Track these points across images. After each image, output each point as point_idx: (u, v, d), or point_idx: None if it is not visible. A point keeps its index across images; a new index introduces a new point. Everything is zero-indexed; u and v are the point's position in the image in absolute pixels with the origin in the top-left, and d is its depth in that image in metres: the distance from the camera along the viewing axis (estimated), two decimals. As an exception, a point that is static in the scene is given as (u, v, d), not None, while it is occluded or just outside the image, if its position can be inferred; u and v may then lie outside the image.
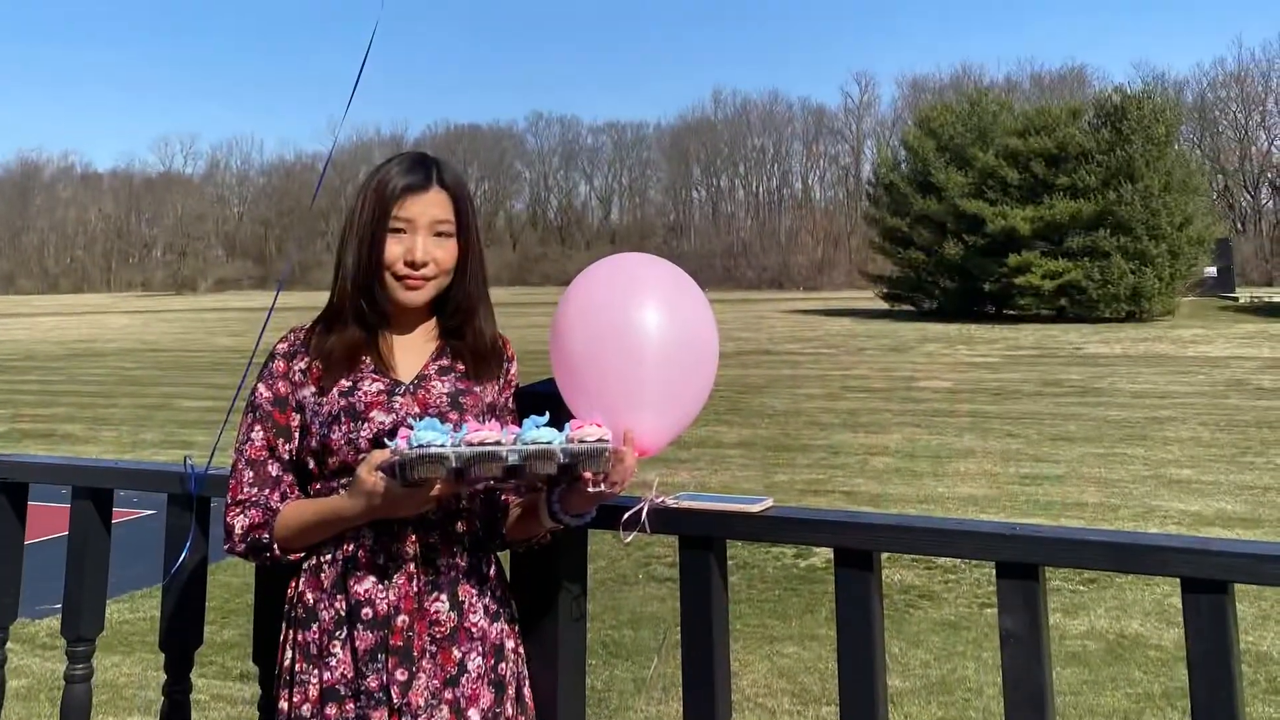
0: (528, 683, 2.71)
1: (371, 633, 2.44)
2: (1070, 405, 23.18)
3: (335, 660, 2.45)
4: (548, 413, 2.33)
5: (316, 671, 2.47)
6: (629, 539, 2.62)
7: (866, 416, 22.00)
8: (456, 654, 2.50)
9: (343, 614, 2.47)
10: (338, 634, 2.46)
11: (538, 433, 2.26)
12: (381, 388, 2.55)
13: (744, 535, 2.69)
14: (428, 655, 2.46)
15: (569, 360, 2.52)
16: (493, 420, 2.48)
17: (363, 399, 2.52)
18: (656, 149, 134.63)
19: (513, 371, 2.79)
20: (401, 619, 2.44)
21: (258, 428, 2.56)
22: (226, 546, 2.53)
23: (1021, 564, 2.34)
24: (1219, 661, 2.16)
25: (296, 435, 2.57)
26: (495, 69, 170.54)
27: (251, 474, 2.54)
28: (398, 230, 2.55)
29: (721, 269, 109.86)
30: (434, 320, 2.73)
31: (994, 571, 2.38)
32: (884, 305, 61.68)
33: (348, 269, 2.59)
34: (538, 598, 2.86)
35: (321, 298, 2.71)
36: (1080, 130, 54.57)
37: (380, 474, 2.28)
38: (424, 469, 2.18)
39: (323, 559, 2.51)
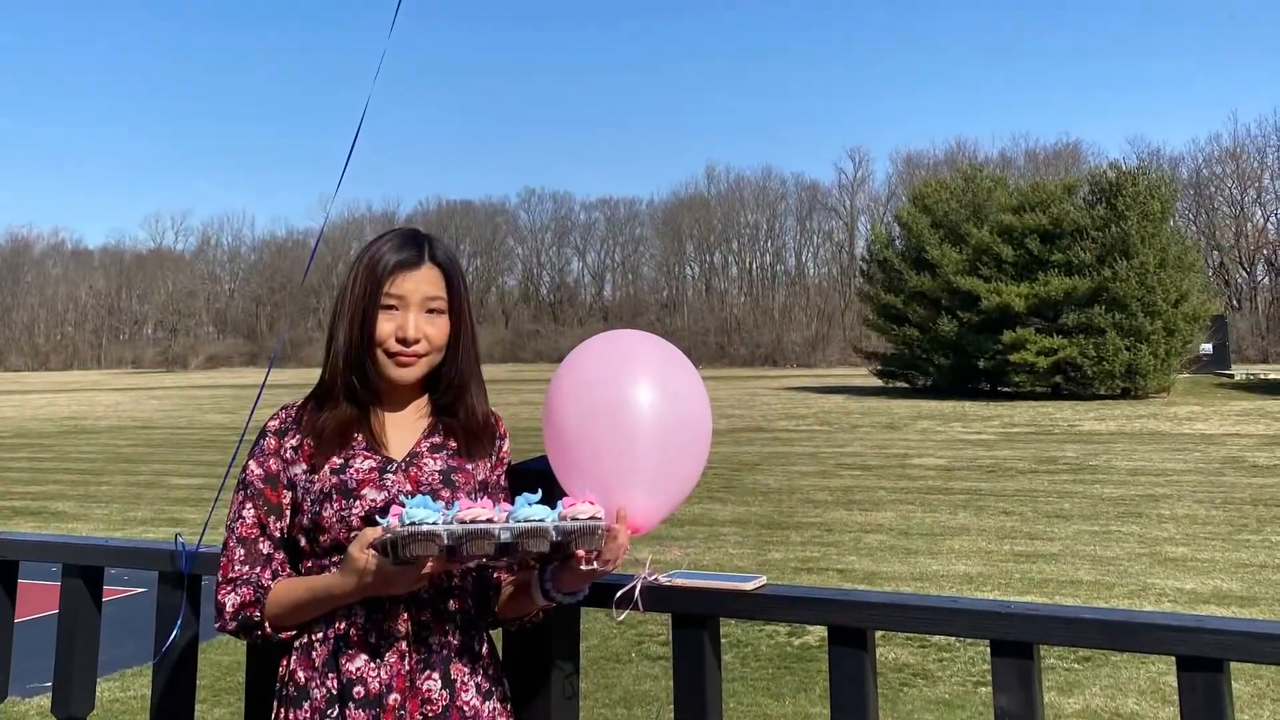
0: (520, 761, 2.69)
1: (364, 711, 2.41)
2: (1065, 483, 23.15)
3: (328, 739, 2.43)
4: (540, 490, 2.33)
5: (309, 750, 2.45)
6: (621, 617, 2.61)
7: (860, 494, 21.94)
8: (449, 732, 2.48)
9: (334, 692, 2.44)
10: (329, 712, 2.44)
11: (530, 510, 2.25)
12: (373, 465, 2.55)
13: (737, 613, 2.68)
14: (420, 734, 2.45)
15: (562, 437, 2.52)
16: (485, 498, 2.47)
17: (355, 476, 2.51)
18: (649, 225, 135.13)
19: (505, 449, 2.79)
20: (394, 697, 2.42)
21: (249, 505, 2.55)
22: (218, 624, 2.52)
23: (1016, 642, 2.33)
24: (1214, 740, 2.14)
25: (288, 513, 2.57)
26: (488, 145, 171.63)
27: (243, 552, 2.53)
28: (390, 307, 2.56)
29: (715, 346, 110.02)
30: (426, 397, 2.73)
31: (989, 650, 2.37)
32: (878, 382, 61.65)
33: (339, 346, 2.59)
34: (530, 676, 2.84)
35: (313, 375, 2.71)
36: (1075, 206, 54.76)
37: (372, 552, 2.27)
38: (416, 547, 2.17)
39: (314, 637, 2.49)
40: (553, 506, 2.29)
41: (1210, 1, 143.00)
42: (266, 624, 2.49)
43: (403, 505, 2.24)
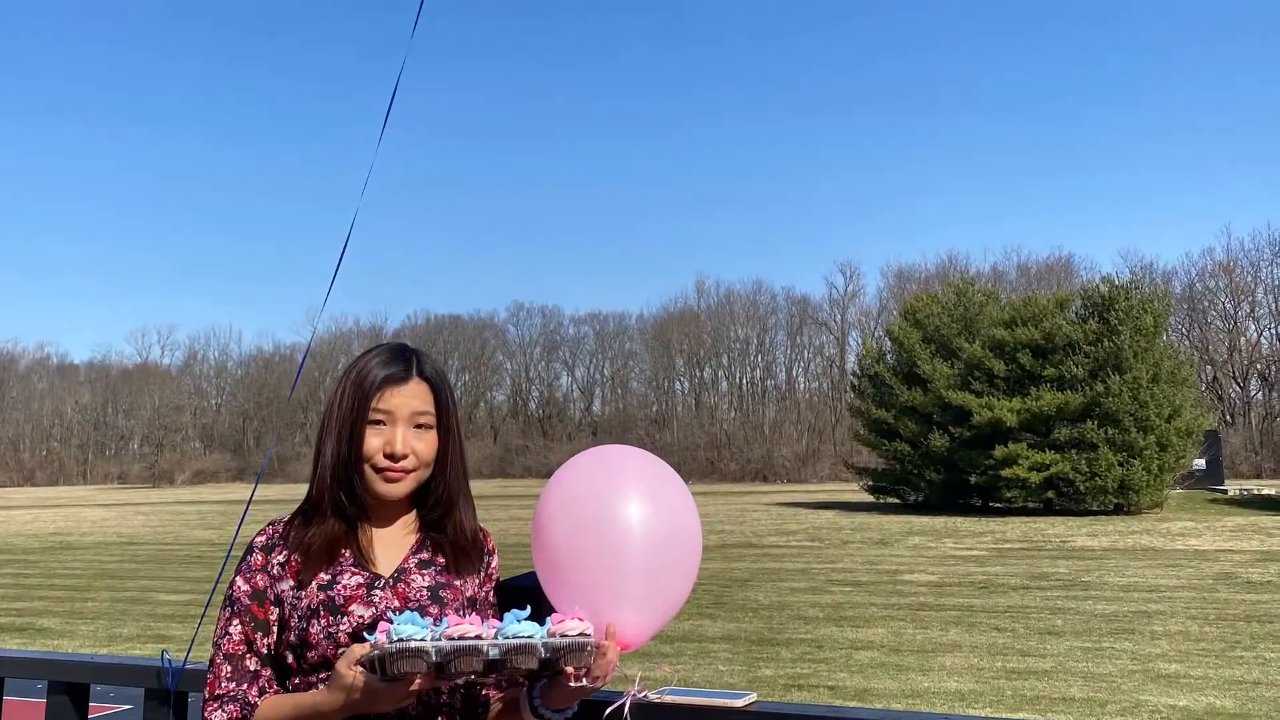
0: None
1: (352, 828, 2.38)
2: (1057, 599, 23.02)
3: None
4: (529, 606, 2.32)
5: None
6: (611, 734, 2.58)
7: (851, 610, 21.79)
8: None
9: (322, 810, 2.41)
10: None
11: (519, 626, 2.24)
12: (361, 581, 2.53)
13: (728, 731, 2.65)
14: None
15: (551, 553, 2.51)
16: (473, 614, 2.46)
17: (342, 593, 2.50)
18: (639, 339, 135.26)
19: (494, 565, 2.78)
20: (383, 815, 2.39)
21: (236, 622, 2.53)
22: (205, 742, 2.49)
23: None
24: None
25: (275, 629, 2.55)
26: (476, 259, 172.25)
27: (229, 668, 2.50)
28: (377, 422, 2.56)
29: (704, 461, 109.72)
30: (414, 513, 2.72)
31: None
32: (869, 498, 61.41)
33: (326, 461, 2.59)
34: (518, 794, 2.80)
35: (300, 490, 2.71)
36: (1067, 321, 54.88)
37: (360, 668, 2.25)
38: (404, 663, 2.15)
39: (302, 754, 2.46)
40: (541, 623, 2.28)
41: (1204, 115, 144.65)
42: (254, 741, 2.46)
43: (390, 621, 2.23)
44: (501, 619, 2.29)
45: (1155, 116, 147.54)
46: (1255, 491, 58.36)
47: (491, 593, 2.74)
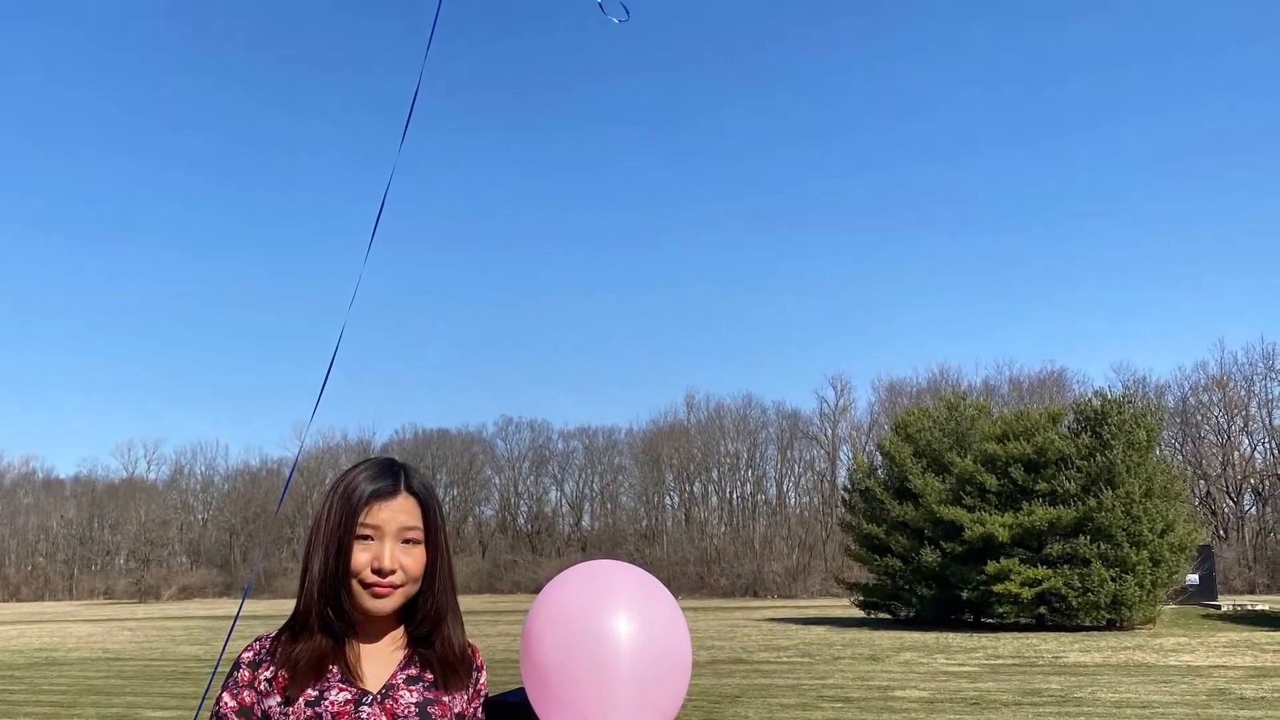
0: None
1: None
2: (1049, 715, 22.81)
3: None
4: (517, 723, 2.30)
5: None
6: None
7: (844, 727, 21.55)
8: None
9: None
10: None
11: (507, 744, 2.22)
12: (349, 697, 2.51)
13: None
14: None
15: (540, 669, 2.49)
16: (461, 731, 2.43)
17: (330, 709, 2.48)
18: (628, 454, 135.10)
19: (482, 680, 2.76)
20: None
21: (222, 738, 2.51)
22: None
23: None
24: None
25: (261, 746, 2.52)
26: (464, 373, 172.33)
27: (218, 784, 2.47)
28: (365, 537, 2.55)
29: (694, 576, 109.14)
30: (402, 628, 2.71)
31: None
32: (860, 613, 61.01)
33: (314, 576, 2.58)
34: None
35: (287, 606, 2.69)
36: (1060, 435, 54.85)
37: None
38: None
39: None
40: (530, 740, 2.26)
41: (1196, 228, 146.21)
42: None
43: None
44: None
45: (1147, 229, 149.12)
46: (1249, 607, 58.11)
47: (480, 709, 2.72)
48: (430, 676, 2.63)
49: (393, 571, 2.54)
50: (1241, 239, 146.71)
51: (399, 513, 2.57)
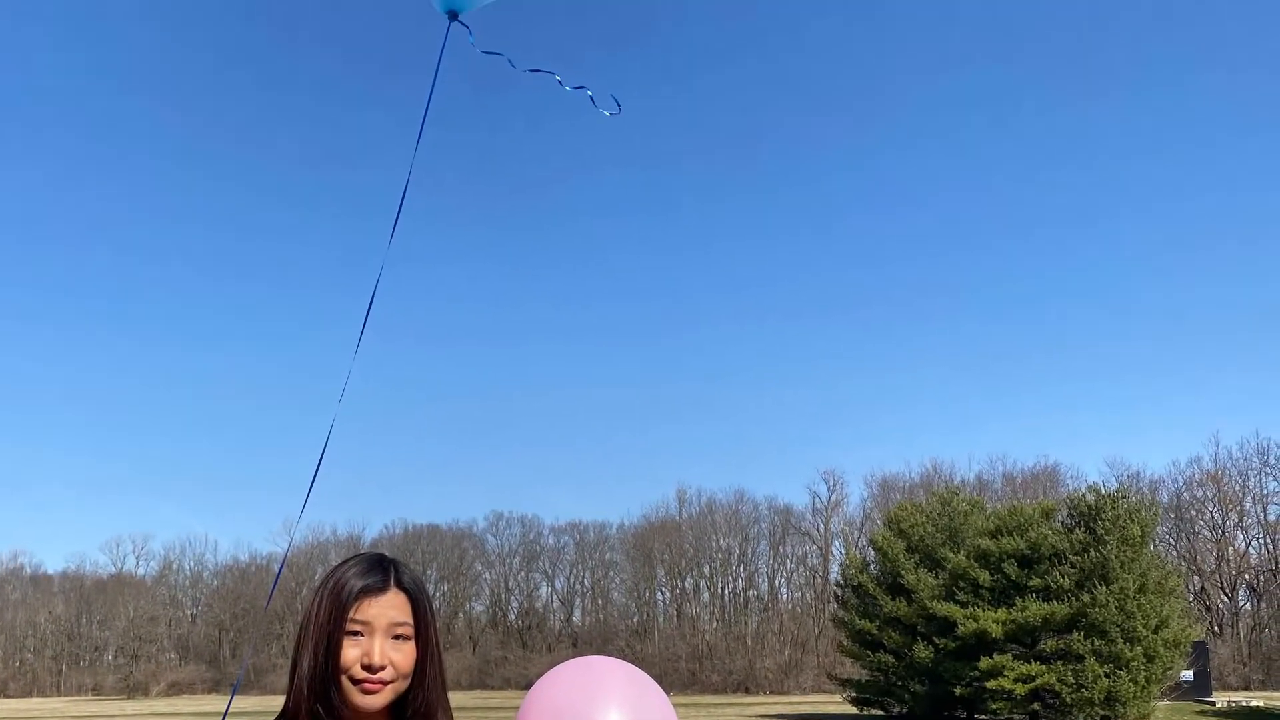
0: None
1: None
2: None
3: None
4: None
5: None
6: None
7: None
8: None
9: None
10: None
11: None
12: (338, 793, 2.48)
13: None
14: None
15: (530, 767, 2.46)
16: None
17: (319, 806, 2.44)
18: (620, 549, 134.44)
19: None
20: None
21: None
22: None
23: None
24: None
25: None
26: (455, 468, 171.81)
27: None
28: (355, 633, 2.53)
29: (686, 672, 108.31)
30: (392, 724, 2.67)
31: None
32: (853, 709, 60.60)
33: (303, 672, 2.55)
34: None
35: (276, 702, 2.66)
36: (1053, 530, 54.84)
37: None
38: None
39: None
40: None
41: (1191, 322, 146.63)
42: None
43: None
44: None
45: (1141, 323, 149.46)
46: (1244, 704, 57.71)
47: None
48: (420, 773, 2.60)
49: (383, 668, 2.51)
50: (1236, 333, 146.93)
51: (389, 608, 2.55)
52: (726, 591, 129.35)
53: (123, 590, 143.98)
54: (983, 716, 53.23)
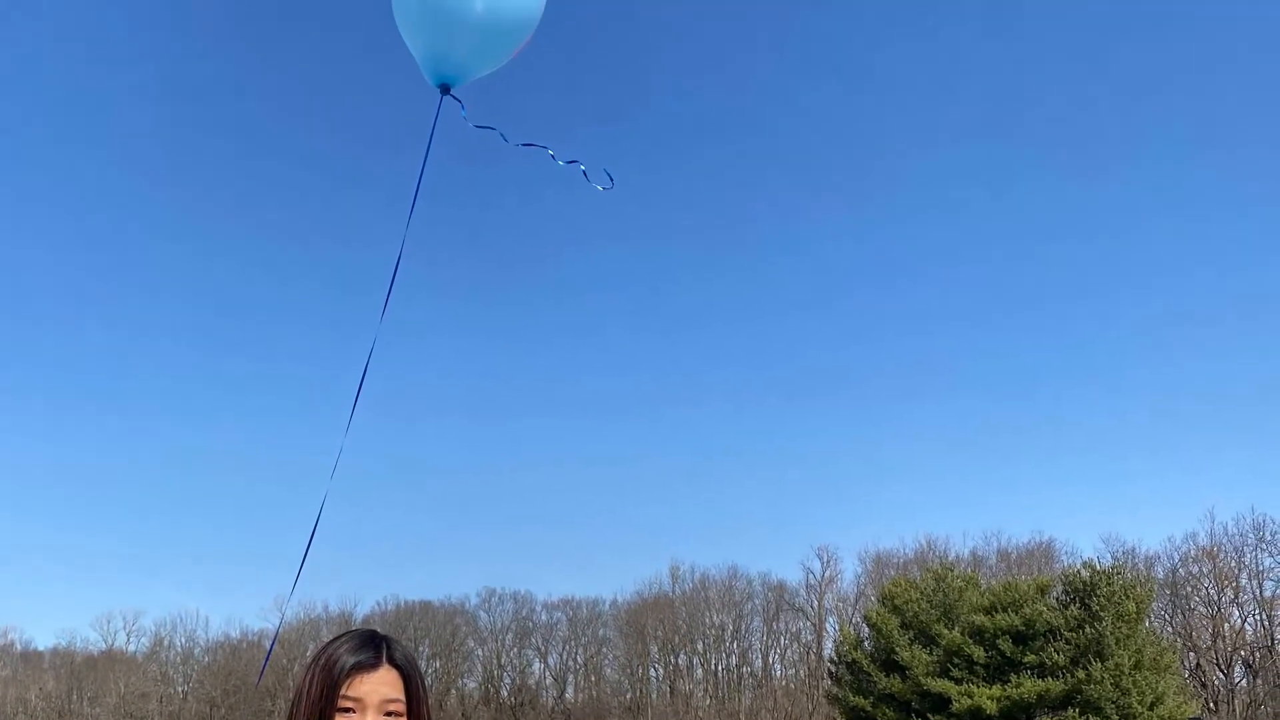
0: None
1: None
2: None
3: None
4: None
5: None
6: None
7: None
8: None
9: None
10: None
11: None
12: None
13: None
14: None
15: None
16: None
17: None
18: (612, 625, 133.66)
19: None
20: None
21: None
22: None
23: None
24: None
25: None
26: (447, 544, 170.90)
27: None
28: (346, 709, 2.52)
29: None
30: (384, 802, 2.65)
31: None
32: (848, 787, 60.10)
33: (296, 749, 2.53)
34: None
35: (268, 779, 2.64)
36: (1048, 606, 54.62)
37: None
38: None
39: None
40: None
41: (1186, 398, 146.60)
42: None
43: None
44: None
45: (1136, 399, 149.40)
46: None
47: None
48: None
49: (374, 745, 2.50)
50: (1231, 409, 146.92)
51: (381, 685, 2.54)
52: (720, 668, 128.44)
53: (114, 667, 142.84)
54: (978, 795, 52.72)
